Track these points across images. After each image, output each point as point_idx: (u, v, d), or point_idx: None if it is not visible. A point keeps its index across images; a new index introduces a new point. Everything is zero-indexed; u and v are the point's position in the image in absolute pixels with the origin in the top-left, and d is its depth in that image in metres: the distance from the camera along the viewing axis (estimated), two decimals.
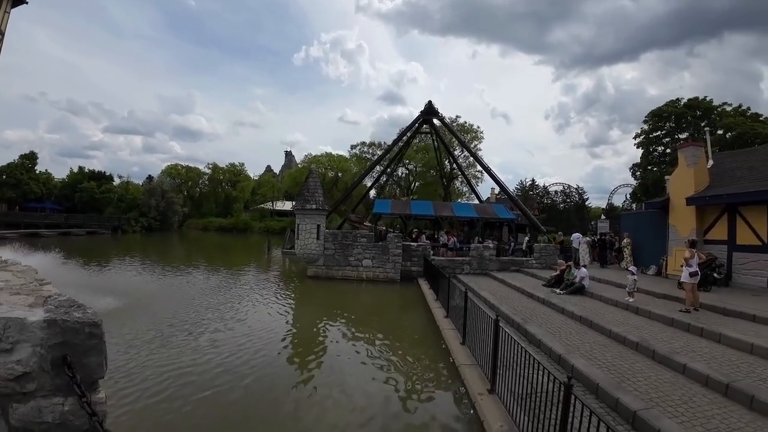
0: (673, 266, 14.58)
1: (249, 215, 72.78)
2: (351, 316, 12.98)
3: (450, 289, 11.07)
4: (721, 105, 40.30)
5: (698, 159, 14.93)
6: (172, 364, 7.76)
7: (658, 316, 9.55)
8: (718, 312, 9.64)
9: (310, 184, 20.31)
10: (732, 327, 8.26)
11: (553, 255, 20.01)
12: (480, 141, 51.42)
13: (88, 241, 38.82)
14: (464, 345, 8.55)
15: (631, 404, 5.19)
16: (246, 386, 7.03)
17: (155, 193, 59.70)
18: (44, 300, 2.54)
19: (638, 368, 6.68)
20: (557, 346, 7.80)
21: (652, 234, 16.91)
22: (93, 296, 12.74)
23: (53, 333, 2.17)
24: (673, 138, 39.90)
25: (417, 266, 20.21)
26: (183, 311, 11.94)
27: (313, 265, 19.92)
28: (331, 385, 7.25)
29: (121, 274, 19.44)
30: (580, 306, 11.02)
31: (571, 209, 53.97)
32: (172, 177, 72.36)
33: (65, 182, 63.41)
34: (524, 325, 9.39)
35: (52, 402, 2.20)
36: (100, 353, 2.34)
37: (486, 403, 5.83)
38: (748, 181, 13.47)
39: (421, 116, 29.65)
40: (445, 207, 28.62)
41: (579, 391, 5.57)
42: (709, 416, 5.04)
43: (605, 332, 8.73)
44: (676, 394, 5.66)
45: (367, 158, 54.20)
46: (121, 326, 9.70)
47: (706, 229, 14.11)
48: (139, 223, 55.53)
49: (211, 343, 9.21)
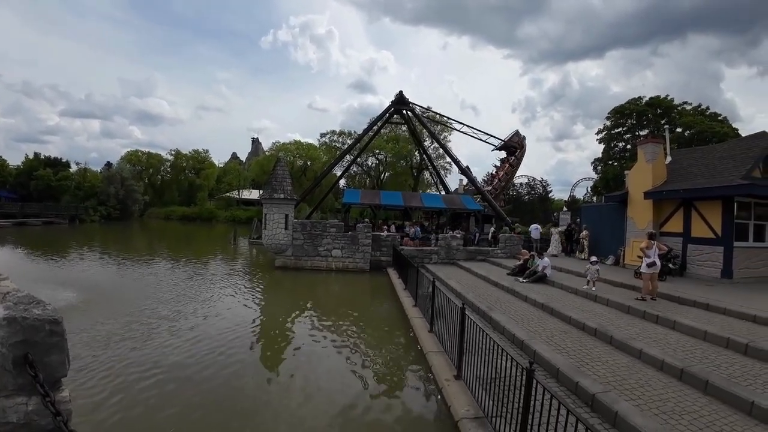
0: (631, 256, 15.31)
1: (214, 204, 70.93)
2: (320, 306, 12.98)
3: (418, 279, 11.26)
4: (681, 104, 42.10)
5: (657, 155, 15.63)
6: (136, 359, 7.59)
7: (616, 304, 10.03)
8: (674, 301, 10.15)
9: (278, 173, 20.00)
10: (686, 315, 8.73)
11: (517, 245, 20.58)
12: (450, 133, 51.82)
13: (45, 232, 36.90)
14: (432, 332, 8.75)
15: (590, 387, 5.47)
16: (213, 379, 6.95)
17: (114, 180, 57.15)
18: (2, 297, 2.44)
19: (597, 353, 7.02)
20: (520, 332, 8.09)
21: (611, 226, 17.65)
22: (53, 290, 12.27)
23: (13, 331, 2.10)
24: (634, 135, 41.39)
25: (386, 256, 20.35)
26: (146, 305, 11.61)
27: (282, 256, 19.72)
28: (299, 375, 7.28)
29: (81, 267, 18.65)
30: (543, 294, 11.43)
31: (536, 201, 55.46)
32: (132, 164, 69.38)
33: (20, 169, 59.73)
34: (489, 312, 9.67)
35: (15, 402, 2.14)
36: (62, 351, 2.28)
37: (452, 389, 6.01)
38: (704, 177, 14.22)
39: (392, 106, 29.60)
40: (414, 197, 28.86)
41: (541, 376, 5.83)
42: (664, 399, 5.31)
43: (566, 319, 9.11)
44: (633, 378, 5.95)
45: (337, 147, 53.70)
46: (82, 321, 9.37)
47: (662, 222, 14.84)
48: (98, 213, 53.08)
49: (177, 336, 9.04)
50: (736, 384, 5.47)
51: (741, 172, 12.83)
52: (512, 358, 4.52)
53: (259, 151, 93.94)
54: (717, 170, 14.13)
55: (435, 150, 47.85)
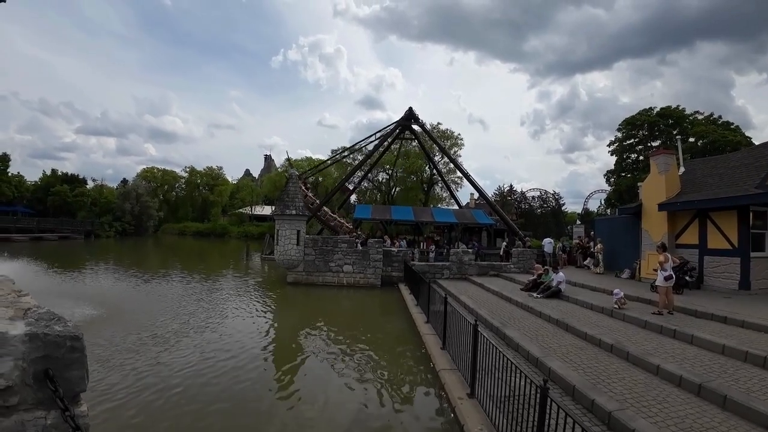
0: (647, 270, 15.05)
1: (227, 220, 71.76)
2: (331, 322, 12.95)
3: (430, 294, 11.19)
4: (692, 114, 41.81)
5: (669, 166, 15.47)
6: (151, 374, 7.64)
7: (632, 319, 9.85)
8: (690, 314, 9.96)
9: (290, 189, 20.21)
10: (704, 329, 8.55)
11: (530, 259, 20.38)
12: (460, 147, 51.93)
13: (61, 247, 37.61)
14: (444, 350, 8.66)
15: (606, 405, 5.36)
16: (227, 394, 6.97)
17: (130, 197, 58.25)
18: (24, 313, 2.51)
19: (613, 370, 6.89)
20: (535, 349, 7.97)
21: (626, 239, 17.42)
22: (70, 306, 12.45)
23: (35, 347, 2.16)
24: (646, 146, 41.13)
25: (398, 271, 20.30)
26: (160, 320, 11.73)
27: (293, 271, 19.80)
28: (311, 392, 7.25)
29: (97, 282, 18.92)
30: (557, 309, 11.28)
31: (548, 214, 55.05)
32: (147, 180, 70.65)
33: (37, 185, 61.35)
34: (503, 329, 9.56)
35: (34, 416, 2.18)
36: (81, 366, 2.32)
37: (466, 408, 5.93)
38: (719, 187, 14.02)
39: (401, 122, 29.83)
40: (425, 212, 28.87)
41: (556, 394, 5.75)
42: (682, 416, 5.20)
43: (581, 335, 8.96)
44: (650, 395, 5.82)
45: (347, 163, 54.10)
46: (99, 336, 9.48)
47: (677, 233, 14.62)
48: (113, 228, 54.08)
49: (189, 351, 9.09)
50: (755, 398, 5.34)
51: (755, 181, 12.60)
52: (526, 375, 4.46)
53: (272, 167, 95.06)
54: (731, 180, 13.92)
55: (445, 164, 47.92)
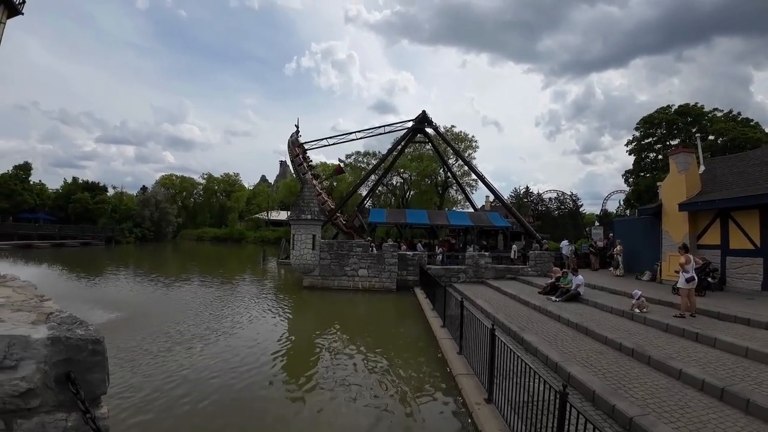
0: (668, 272, 14.72)
1: (244, 225, 72.60)
2: (347, 326, 12.97)
3: (446, 298, 11.11)
4: (711, 111, 40.86)
5: (689, 165, 15.15)
6: (169, 377, 7.75)
7: (653, 322, 9.63)
8: (713, 316, 9.72)
9: (306, 194, 20.37)
10: (727, 331, 8.34)
11: (548, 262, 20.11)
12: (475, 150, 51.69)
13: (82, 253, 38.53)
14: (461, 354, 8.58)
15: (627, 410, 5.24)
16: (241, 398, 7.02)
17: (149, 203, 59.48)
18: (46, 317, 2.58)
19: (634, 374, 6.74)
20: (554, 354, 7.85)
21: (646, 240, 17.08)
22: (90, 309, 12.72)
23: (57, 350, 2.21)
24: (665, 144, 40.29)
25: (413, 275, 20.23)
26: (179, 324, 11.89)
27: (309, 276, 19.90)
28: (327, 397, 7.26)
29: (117, 286, 19.33)
30: (576, 313, 11.09)
31: (566, 216, 54.30)
32: (166, 187, 72.09)
33: (59, 193, 63.06)
34: (521, 333, 9.44)
35: (55, 418, 2.23)
36: (102, 369, 2.37)
37: (483, 413, 5.86)
38: (740, 186, 13.67)
39: (415, 125, 29.84)
40: (440, 215, 28.79)
41: (576, 399, 5.64)
42: (704, 421, 5.08)
43: (601, 339, 8.79)
44: (672, 400, 5.70)
45: (361, 167, 54.30)
46: (119, 340, 9.65)
47: (698, 234, 14.28)
48: (133, 234, 55.22)
49: (208, 355, 9.19)
50: None
51: None
52: (545, 380, 4.39)
53: (287, 173, 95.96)
54: (752, 178, 13.56)
55: (460, 167, 47.74)
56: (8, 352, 2.24)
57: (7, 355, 2.22)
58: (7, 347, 2.27)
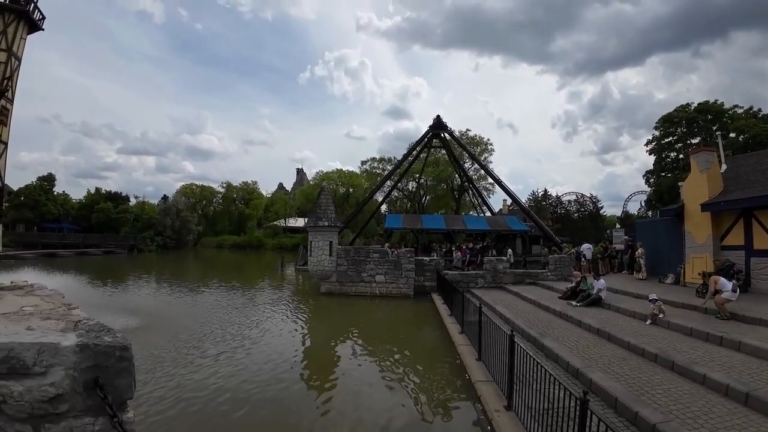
0: (691, 274, 14.34)
1: (262, 232, 73.37)
2: (365, 333, 13.00)
3: (464, 304, 11.05)
4: (731, 108, 39.87)
5: (711, 164, 14.78)
6: (191, 382, 7.88)
7: (677, 326, 9.39)
8: (738, 320, 9.46)
9: (322, 201, 20.53)
10: (752, 334, 8.10)
11: (568, 266, 19.81)
12: (490, 153, 51.40)
13: (105, 261, 39.51)
14: (480, 361, 8.52)
15: (650, 417, 5.14)
16: (262, 403, 7.10)
17: (170, 212, 60.68)
18: (75, 324, 2.67)
19: (657, 380, 6.60)
20: (575, 360, 7.74)
21: (668, 242, 16.68)
22: (114, 316, 13.03)
23: (86, 357, 2.29)
24: (686, 143, 39.39)
25: (430, 281, 20.16)
26: (201, 330, 12.10)
27: (327, 282, 20.01)
28: (346, 403, 7.29)
29: (140, 294, 19.78)
30: (598, 318, 10.89)
31: (586, 218, 53.35)
32: (186, 196, 73.48)
33: (82, 203, 64.74)
34: (541, 339, 9.32)
35: (83, 422, 2.30)
36: (129, 375, 2.45)
37: (503, 420, 5.81)
38: (763, 184, 13.28)
39: (429, 131, 29.81)
40: (456, 220, 28.66)
41: (597, 406, 5.54)
42: (729, 427, 4.98)
43: (623, 344, 8.62)
44: (696, 405, 5.59)
45: (377, 173, 54.46)
46: (143, 346, 9.86)
47: (722, 234, 13.89)
48: (155, 242, 56.34)
49: (229, 361, 9.32)
50: None
51: None
52: (565, 387, 4.33)
53: (304, 180, 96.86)
54: None
55: (476, 171, 47.46)
56: (38, 359, 2.33)
57: (36, 361, 2.31)
58: (37, 354, 2.37)
